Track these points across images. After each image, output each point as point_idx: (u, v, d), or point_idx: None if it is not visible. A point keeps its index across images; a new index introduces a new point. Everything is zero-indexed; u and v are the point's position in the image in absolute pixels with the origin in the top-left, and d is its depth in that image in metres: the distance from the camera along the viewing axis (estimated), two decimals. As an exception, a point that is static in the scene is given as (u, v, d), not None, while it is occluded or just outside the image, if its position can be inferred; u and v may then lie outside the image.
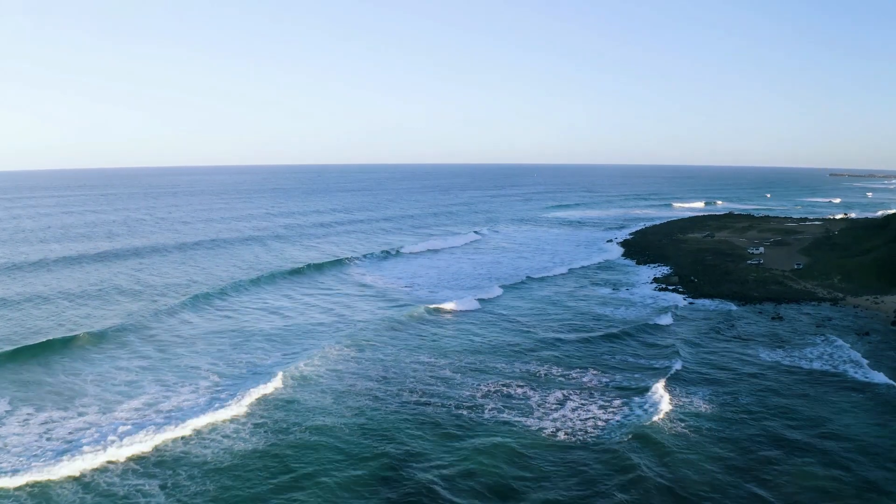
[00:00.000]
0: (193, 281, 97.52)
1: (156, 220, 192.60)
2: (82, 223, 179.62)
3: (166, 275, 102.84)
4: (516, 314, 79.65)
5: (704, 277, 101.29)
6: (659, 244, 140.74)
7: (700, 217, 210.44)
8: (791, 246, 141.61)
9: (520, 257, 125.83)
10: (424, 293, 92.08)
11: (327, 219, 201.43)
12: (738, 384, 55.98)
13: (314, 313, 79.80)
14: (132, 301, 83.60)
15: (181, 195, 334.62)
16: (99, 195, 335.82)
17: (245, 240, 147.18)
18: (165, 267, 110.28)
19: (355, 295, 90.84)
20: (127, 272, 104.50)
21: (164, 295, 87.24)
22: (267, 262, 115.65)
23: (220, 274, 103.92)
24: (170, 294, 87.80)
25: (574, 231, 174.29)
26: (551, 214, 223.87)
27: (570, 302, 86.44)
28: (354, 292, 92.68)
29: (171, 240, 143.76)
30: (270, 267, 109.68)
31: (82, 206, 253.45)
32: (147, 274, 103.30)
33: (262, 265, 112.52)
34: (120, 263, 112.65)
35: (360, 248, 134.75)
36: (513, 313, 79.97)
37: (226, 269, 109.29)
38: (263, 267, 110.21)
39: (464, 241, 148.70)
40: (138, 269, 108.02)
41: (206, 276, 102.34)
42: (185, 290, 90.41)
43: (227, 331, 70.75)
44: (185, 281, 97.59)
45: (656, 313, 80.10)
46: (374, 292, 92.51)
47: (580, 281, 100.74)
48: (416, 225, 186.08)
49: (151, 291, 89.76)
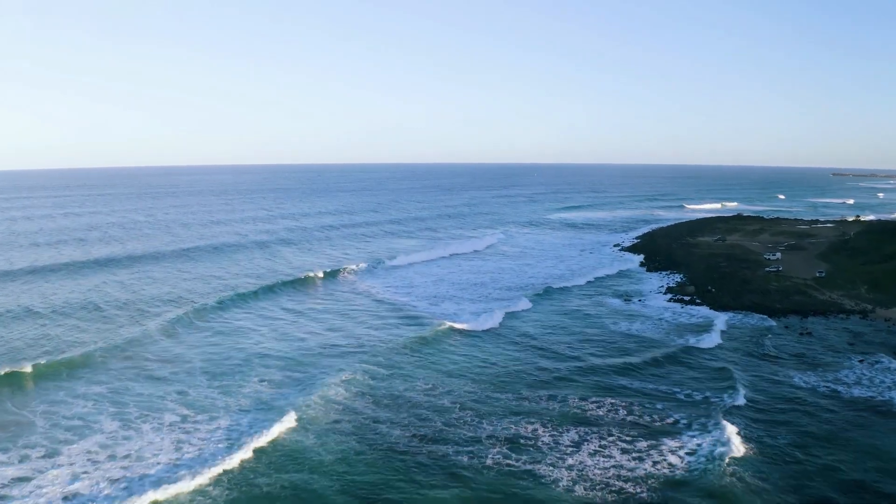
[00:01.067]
0: (188, 292, 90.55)
1: (154, 222, 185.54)
2: (78, 226, 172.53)
3: (159, 284, 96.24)
4: (540, 331, 73.35)
5: (723, 287, 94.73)
6: (668, 249, 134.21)
7: (708, 219, 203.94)
8: (807, 251, 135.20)
9: (529, 265, 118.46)
10: (444, 307, 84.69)
11: (333, 221, 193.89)
12: (783, 415, 49.62)
13: (320, 331, 72.60)
14: (117, 316, 77.16)
15: (181, 195, 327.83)
16: (97, 195, 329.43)
17: (247, 244, 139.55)
18: (159, 275, 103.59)
19: (367, 310, 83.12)
20: (117, 281, 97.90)
21: (153, 308, 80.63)
22: (270, 270, 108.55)
23: (218, 283, 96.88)
24: (160, 307, 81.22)
25: (580, 235, 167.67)
26: (555, 216, 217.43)
27: (588, 316, 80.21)
28: (366, 306, 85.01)
29: (168, 244, 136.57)
30: (274, 275, 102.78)
31: (79, 207, 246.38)
32: (139, 283, 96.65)
33: (265, 273, 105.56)
34: (111, 271, 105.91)
35: (369, 255, 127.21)
36: (538, 331, 73.50)
37: (225, 277, 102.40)
38: (266, 275, 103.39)
39: (480, 246, 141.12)
40: (130, 277, 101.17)
41: (203, 285, 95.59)
42: (178, 302, 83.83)
43: (220, 354, 63.59)
44: (179, 292, 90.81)
45: (677, 330, 73.66)
46: (388, 307, 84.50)
47: (594, 291, 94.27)
48: (425, 228, 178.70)
49: (140, 304, 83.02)
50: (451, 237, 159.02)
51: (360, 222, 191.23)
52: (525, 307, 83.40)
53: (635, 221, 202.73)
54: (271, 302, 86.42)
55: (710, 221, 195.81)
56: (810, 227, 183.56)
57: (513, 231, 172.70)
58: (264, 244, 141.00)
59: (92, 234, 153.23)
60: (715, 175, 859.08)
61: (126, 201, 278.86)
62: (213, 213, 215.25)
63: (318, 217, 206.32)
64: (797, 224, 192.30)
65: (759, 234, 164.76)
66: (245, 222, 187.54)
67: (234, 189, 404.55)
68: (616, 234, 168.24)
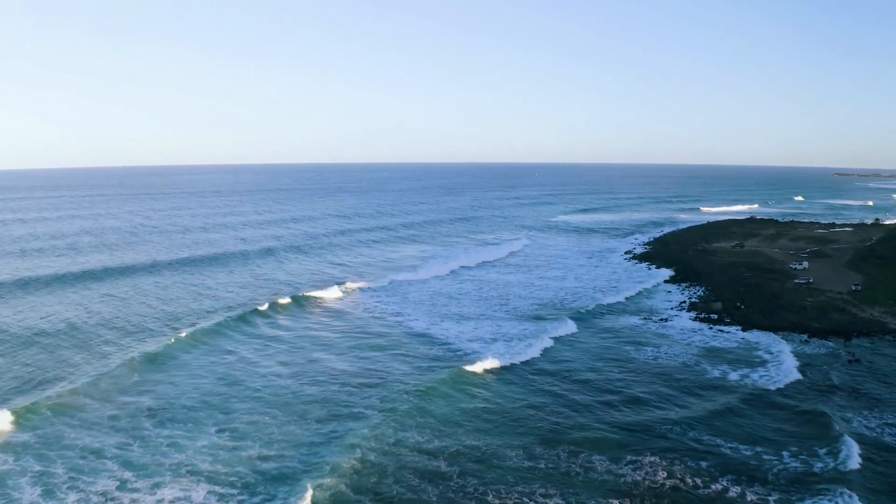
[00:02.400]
0: (179, 312, 79.54)
1: (150, 226, 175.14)
2: (72, 230, 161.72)
3: (147, 301, 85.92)
4: (582, 364, 62.86)
5: (751, 302, 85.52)
6: (684, 256, 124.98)
7: (721, 223, 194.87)
8: (832, 258, 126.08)
9: (546, 278, 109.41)
10: (469, 329, 73.23)
11: (339, 225, 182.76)
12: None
13: (333, 370, 59.79)
14: (78, 343, 67.15)
15: (179, 196, 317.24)
16: (96, 195, 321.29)
17: (253, 252, 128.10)
18: (149, 289, 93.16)
19: (379, 336, 70.49)
20: (96, 297, 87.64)
21: (132, 335, 69.70)
22: (281, 284, 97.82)
23: (216, 301, 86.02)
24: (141, 333, 70.34)
25: (591, 240, 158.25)
26: (563, 218, 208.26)
27: (609, 339, 70.86)
28: (378, 331, 72.49)
29: (164, 252, 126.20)
30: (285, 290, 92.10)
31: (76, 208, 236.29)
32: (118, 300, 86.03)
33: (275, 287, 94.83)
34: (93, 285, 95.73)
35: (382, 265, 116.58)
36: (578, 365, 62.70)
37: (225, 293, 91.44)
38: (276, 289, 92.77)
39: (502, 254, 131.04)
40: (110, 293, 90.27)
41: (199, 303, 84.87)
42: (163, 327, 73.13)
43: (182, 394, 53.70)
44: (168, 311, 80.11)
45: (712, 358, 64.38)
46: (403, 332, 71.88)
47: (609, 310, 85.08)
48: (439, 233, 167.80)
49: (113, 326, 72.37)
50: (469, 243, 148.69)
51: (370, 226, 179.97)
52: (541, 342, 70.79)
53: (645, 225, 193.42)
54: (265, 325, 74.95)
55: (724, 225, 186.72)
56: (829, 231, 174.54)
57: (533, 236, 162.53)
58: (267, 252, 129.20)
59: (83, 240, 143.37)
60: (718, 175, 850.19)
61: (123, 203, 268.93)
62: (211, 216, 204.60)
63: (322, 221, 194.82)
64: (814, 228, 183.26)
65: (777, 239, 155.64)
66: (245, 227, 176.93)
67: (234, 190, 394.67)
68: (625, 240, 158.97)
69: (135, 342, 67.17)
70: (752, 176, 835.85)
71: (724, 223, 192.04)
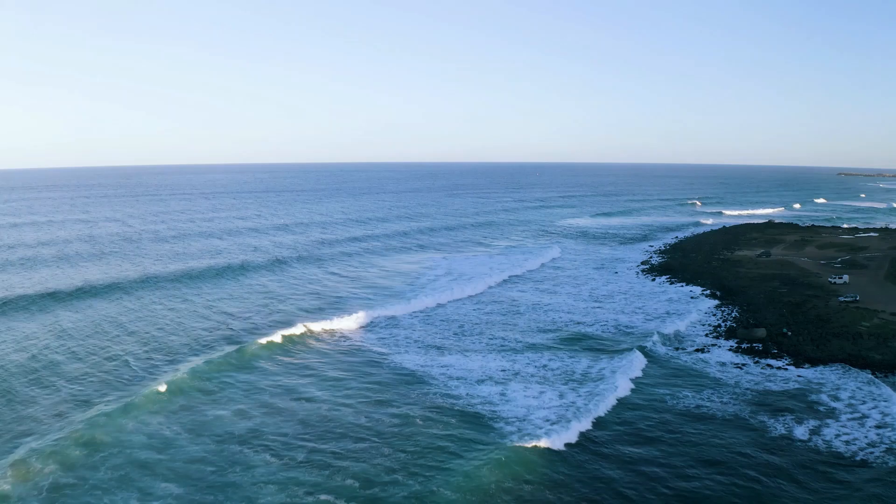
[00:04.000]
0: (159, 350, 65.44)
1: (141, 232, 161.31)
2: (53, 239, 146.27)
3: (124, 330, 71.82)
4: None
5: (798, 327, 73.62)
6: (709, 268, 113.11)
7: (738, 227, 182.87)
8: (870, 270, 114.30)
9: (558, 293, 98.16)
10: (500, 387, 55.55)
11: (355, 231, 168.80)
12: None
13: (341, 446, 44.58)
14: (43, 400, 54.31)
15: (178, 197, 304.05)
16: (84, 197, 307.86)
17: (255, 265, 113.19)
18: (128, 317, 78.36)
19: (420, 400, 52.42)
20: (60, 333, 71.91)
21: (95, 386, 56.18)
22: (281, 305, 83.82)
23: (206, 331, 72.04)
24: (105, 387, 55.79)
25: (602, 248, 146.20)
26: (566, 222, 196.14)
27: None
28: (394, 387, 55.34)
29: (153, 265, 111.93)
30: (287, 315, 78.29)
31: (65, 212, 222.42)
32: (95, 334, 70.97)
33: (276, 311, 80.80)
34: (63, 309, 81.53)
35: (404, 279, 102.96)
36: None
37: (218, 317, 77.34)
38: (277, 313, 79.14)
39: (534, 265, 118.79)
40: (85, 323, 75.31)
41: (185, 337, 69.97)
42: (139, 369, 59.66)
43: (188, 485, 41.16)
44: (148, 349, 65.65)
45: (768, 406, 52.27)
46: (452, 396, 53.02)
47: (617, 329, 73.29)
48: (461, 240, 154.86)
49: (74, 384, 57.22)
50: (496, 252, 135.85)
51: (377, 233, 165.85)
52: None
53: (657, 230, 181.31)
54: (261, 371, 60.07)
55: (741, 230, 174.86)
56: (854, 237, 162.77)
57: (543, 244, 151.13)
58: (271, 264, 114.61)
59: (67, 249, 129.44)
60: (725, 175, 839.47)
61: (115, 205, 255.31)
62: (213, 221, 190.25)
63: (324, 226, 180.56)
64: (838, 233, 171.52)
65: (803, 246, 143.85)
66: (253, 233, 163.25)
67: (236, 190, 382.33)
68: (638, 248, 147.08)
69: (96, 395, 54.01)
70: (759, 176, 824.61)
71: (742, 228, 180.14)
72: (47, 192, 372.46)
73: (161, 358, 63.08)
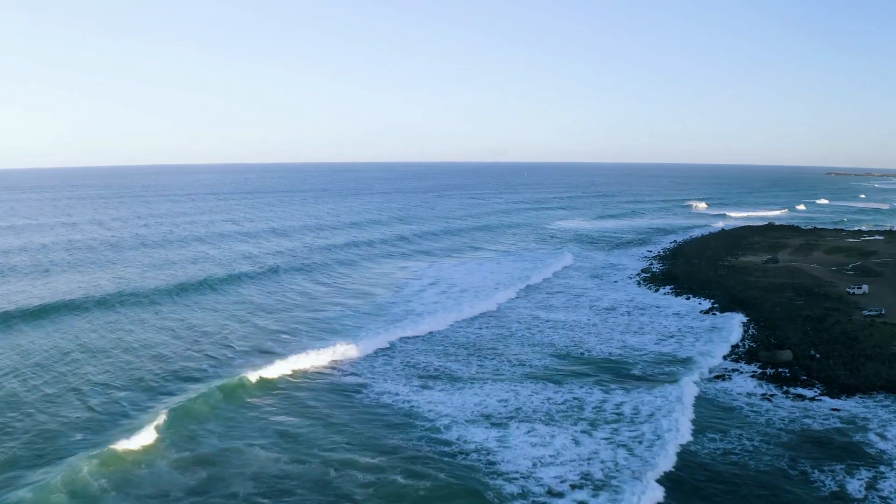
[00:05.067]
0: (128, 388, 55.26)
1: (128, 238, 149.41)
2: (32, 246, 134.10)
3: (87, 362, 61.65)
4: None
5: (824, 346, 65.92)
6: (715, 276, 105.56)
7: (738, 230, 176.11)
8: (885, 278, 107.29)
9: (553, 308, 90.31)
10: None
11: (339, 237, 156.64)
12: None
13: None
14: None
15: (158, 200, 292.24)
16: (67, 198, 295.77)
17: (251, 275, 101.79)
18: (102, 342, 68.08)
19: (427, 473, 40.83)
20: (26, 353, 63.68)
21: (49, 437, 46.31)
22: (248, 333, 72.34)
23: (181, 362, 62.18)
24: (60, 437, 45.95)
25: (596, 254, 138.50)
26: (558, 225, 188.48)
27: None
28: (418, 455, 43.31)
29: (135, 281, 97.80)
30: (251, 343, 67.67)
31: (50, 214, 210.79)
32: (58, 359, 62.08)
33: (240, 342, 68.63)
34: (34, 327, 72.27)
35: (404, 302, 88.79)
36: None
37: (197, 347, 66.80)
38: (241, 346, 67.18)
39: (548, 273, 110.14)
40: (47, 346, 66.14)
41: (165, 369, 60.06)
42: (97, 424, 48.74)
43: None
44: (111, 391, 54.80)
45: (808, 451, 44.08)
46: (469, 467, 41.57)
47: (625, 355, 65.40)
48: (467, 246, 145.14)
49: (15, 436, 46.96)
50: (515, 259, 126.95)
51: (372, 238, 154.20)
52: None
53: (653, 233, 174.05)
54: (205, 415, 49.99)
55: (742, 233, 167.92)
56: (860, 240, 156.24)
57: (553, 251, 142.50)
58: (244, 277, 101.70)
59: (47, 257, 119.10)
60: (717, 175, 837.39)
61: (104, 208, 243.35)
62: (209, 225, 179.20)
63: (324, 231, 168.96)
64: (843, 236, 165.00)
65: (810, 251, 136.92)
66: (251, 238, 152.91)
67: (219, 192, 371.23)
68: (636, 253, 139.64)
69: (173, 426, 45.49)
70: (750, 176, 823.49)
71: (743, 231, 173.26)
72: (31, 192, 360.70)
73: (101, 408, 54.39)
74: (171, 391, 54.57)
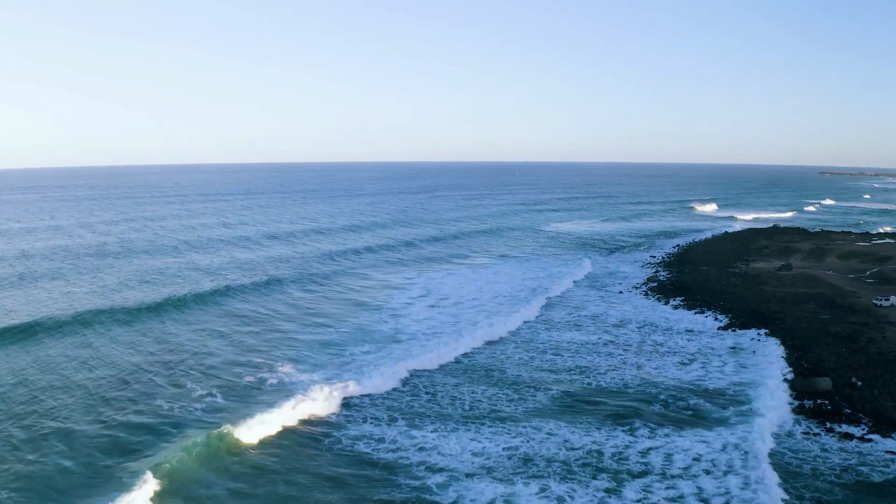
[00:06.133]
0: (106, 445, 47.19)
1: (111, 244, 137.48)
2: (11, 254, 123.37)
3: (25, 403, 54.81)
4: None
5: (864, 371, 58.42)
6: (727, 286, 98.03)
7: (742, 233, 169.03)
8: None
9: (557, 326, 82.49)
10: None
11: (341, 243, 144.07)
12: None
13: None
14: None
15: (168, 201, 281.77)
16: (58, 198, 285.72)
17: (179, 296, 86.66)
18: (68, 366, 60.06)
19: None
20: None
21: None
22: (209, 364, 61.90)
23: (152, 411, 52.30)
24: None
25: (597, 257, 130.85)
26: (551, 227, 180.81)
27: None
28: None
29: (122, 294, 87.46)
30: (211, 379, 57.52)
31: (36, 217, 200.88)
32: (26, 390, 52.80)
33: (201, 381, 58.02)
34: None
35: (387, 302, 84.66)
36: None
37: (167, 395, 57.01)
38: (202, 387, 56.81)
39: (568, 284, 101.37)
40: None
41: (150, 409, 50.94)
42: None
43: None
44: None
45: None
46: None
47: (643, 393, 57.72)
48: (460, 251, 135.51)
49: None
50: (499, 266, 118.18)
51: (379, 244, 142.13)
52: None
53: (654, 235, 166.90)
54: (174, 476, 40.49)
55: (747, 236, 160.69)
56: (871, 244, 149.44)
57: (526, 258, 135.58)
58: (212, 295, 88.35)
59: (23, 267, 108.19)
60: (712, 175, 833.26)
61: (92, 211, 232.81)
62: (205, 230, 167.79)
63: (320, 236, 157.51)
64: (853, 240, 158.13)
65: (822, 256, 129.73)
66: (250, 244, 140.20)
67: (233, 191, 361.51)
68: (638, 258, 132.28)
69: None
70: (745, 176, 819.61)
71: (748, 234, 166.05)
72: (12, 193, 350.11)
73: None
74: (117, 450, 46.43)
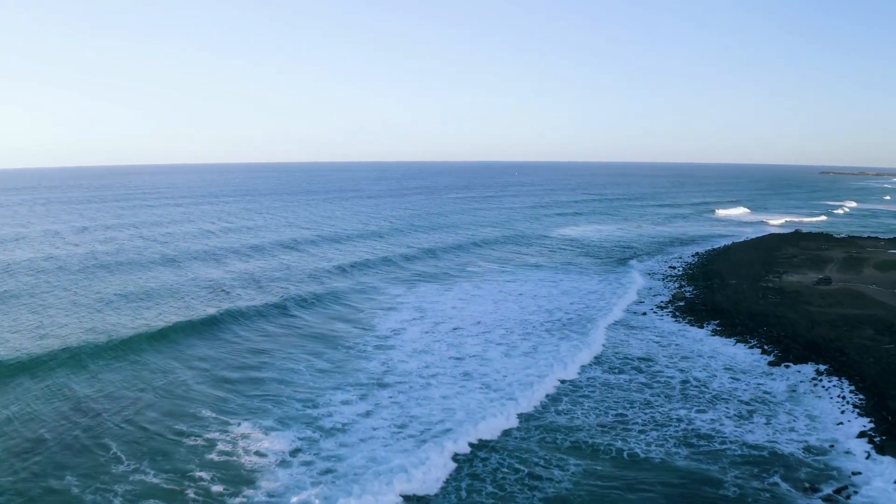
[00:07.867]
0: None
1: (92, 254, 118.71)
2: None
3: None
4: None
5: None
6: (763, 304, 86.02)
7: (766, 239, 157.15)
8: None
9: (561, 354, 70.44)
10: None
11: (346, 254, 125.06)
12: None
13: None
14: None
15: (165, 202, 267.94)
16: (45, 200, 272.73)
17: (210, 312, 74.21)
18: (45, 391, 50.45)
19: None
20: None
21: None
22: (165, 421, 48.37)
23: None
24: None
25: (607, 271, 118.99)
26: (560, 232, 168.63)
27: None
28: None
29: (113, 314, 73.23)
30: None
31: (25, 221, 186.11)
32: None
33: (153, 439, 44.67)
34: None
35: (400, 330, 70.52)
36: None
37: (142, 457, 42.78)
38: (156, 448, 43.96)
39: (618, 315, 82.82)
40: None
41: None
42: None
43: None
44: None
45: None
46: None
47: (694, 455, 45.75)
48: (461, 264, 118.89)
49: None
50: (503, 281, 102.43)
51: (374, 257, 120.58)
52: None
53: (667, 243, 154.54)
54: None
55: (772, 243, 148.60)
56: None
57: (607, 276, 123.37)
58: (283, 307, 77.98)
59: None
60: (715, 174, 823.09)
61: (84, 214, 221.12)
62: (201, 238, 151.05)
63: (324, 245, 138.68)
64: (884, 247, 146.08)
65: (859, 266, 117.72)
66: (251, 254, 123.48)
67: (216, 193, 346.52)
68: (654, 270, 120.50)
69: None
70: (749, 176, 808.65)
71: (771, 240, 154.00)
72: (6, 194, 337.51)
73: None
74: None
